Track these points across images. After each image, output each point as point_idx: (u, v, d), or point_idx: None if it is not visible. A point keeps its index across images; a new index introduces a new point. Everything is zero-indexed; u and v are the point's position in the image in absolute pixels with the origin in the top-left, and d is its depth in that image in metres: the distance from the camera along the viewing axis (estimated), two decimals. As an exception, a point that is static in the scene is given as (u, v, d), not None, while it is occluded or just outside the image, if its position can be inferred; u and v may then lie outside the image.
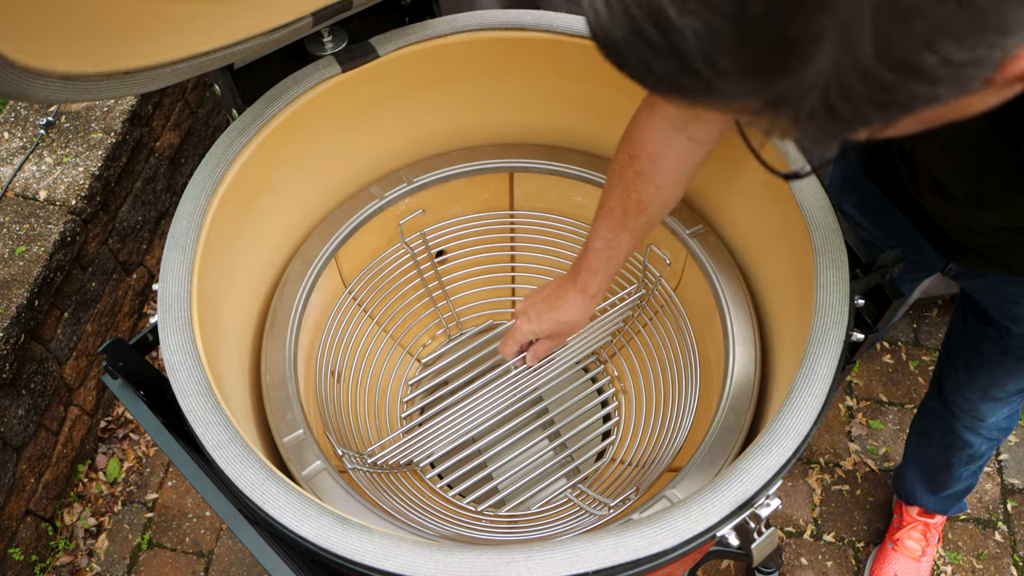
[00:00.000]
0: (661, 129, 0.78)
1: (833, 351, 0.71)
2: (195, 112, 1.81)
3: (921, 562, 1.42)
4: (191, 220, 0.81)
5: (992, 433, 1.18)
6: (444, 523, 0.94)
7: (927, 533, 1.42)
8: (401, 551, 0.61)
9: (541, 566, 0.60)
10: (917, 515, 1.42)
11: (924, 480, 1.36)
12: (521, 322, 0.95)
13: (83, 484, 1.55)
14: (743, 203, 0.97)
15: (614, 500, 0.94)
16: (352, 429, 1.02)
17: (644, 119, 0.80)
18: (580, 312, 0.91)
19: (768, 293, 0.95)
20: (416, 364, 1.17)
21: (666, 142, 0.79)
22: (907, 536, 1.42)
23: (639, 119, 0.80)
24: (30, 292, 1.32)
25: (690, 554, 0.66)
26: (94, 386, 1.57)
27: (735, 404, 0.85)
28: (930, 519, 1.42)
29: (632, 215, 0.83)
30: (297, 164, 0.97)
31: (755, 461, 0.66)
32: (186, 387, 0.71)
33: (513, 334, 0.97)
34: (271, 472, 0.66)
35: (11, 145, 1.49)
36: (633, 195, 0.82)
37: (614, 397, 1.12)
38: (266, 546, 0.67)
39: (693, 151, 0.80)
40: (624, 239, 0.85)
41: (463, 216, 1.12)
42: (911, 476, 1.38)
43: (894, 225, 0.94)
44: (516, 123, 1.10)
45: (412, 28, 0.96)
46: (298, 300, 0.96)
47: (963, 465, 1.26)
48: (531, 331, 0.95)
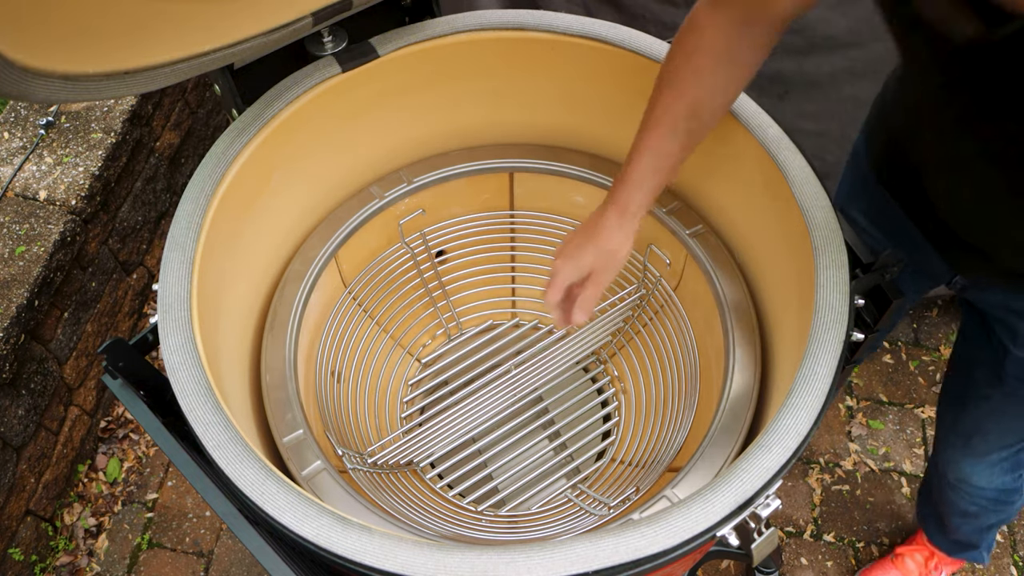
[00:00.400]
0: (724, 26, 0.74)
1: (833, 351, 0.71)
2: (195, 112, 1.81)
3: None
4: (191, 220, 0.81)
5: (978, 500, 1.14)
6: (444, 523, 0.94)
7: (930, 562, 1.40)
8: (401, 551, 0.61)
9: (541, 566, 0.60)
10: (927, 541, 1.39)
11: (934, 518, 1.33)
12: (560, 263, 0.85)
13: (83, 484, 1.55)
14: (743, 203, 0.97)
15: (614, 500, 0.94)
16: (352, 429, 1.02)
17: (706, 14, 0.75)
18: (622, 236, 0.82)
19: (768, 293, 0.95)
20: (416, 364, 1.17)
21: (728, 40, 0.75)
22: (910, 555, 1.40)
23: (700, 15, 0.76)
24: (30, 292, 1.32)
25: (690, 554, 0.66)
26: (94, 386, 1.57)
27: (735, 404, 0.85)
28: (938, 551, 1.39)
29: (683, 118, 0.77)
30: (297, 164, 0.97)
31: (755, 461, 0.66)
32: (186, 387, 0.71)
33: (554, 280, 0.86)
34: (271, 472, 0.67)
35: (11, 145, 1.49)
36: (687, 97, 0.77)
37: (614, 397, 1.12)
38: (266, 546, 0.67)
39: (751, 56, 0.77)
40: (673, 149, 0.79)
41: (463, 216, 1.12)
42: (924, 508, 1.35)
43: (901, 232, 0.92)
44: (516, 123, 1.10)
45: (412, 28, 0.96)
46: (298, 300, 0.96)
47: (958, 517, 1.23)
48: (572, 269, 0.84)
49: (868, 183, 0.95)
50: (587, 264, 0.84)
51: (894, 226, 0.93)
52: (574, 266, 0.84)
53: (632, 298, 1.09)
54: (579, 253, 0.84)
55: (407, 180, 1.05)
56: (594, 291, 0.86)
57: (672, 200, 1.02)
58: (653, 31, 1.00)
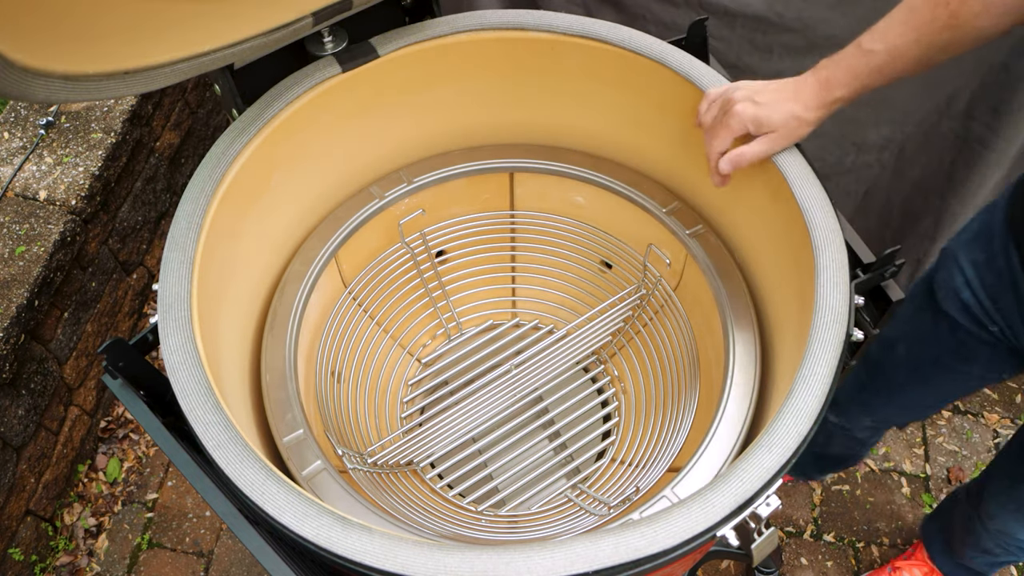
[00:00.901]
0: None
1: (833, 351, 0.71)
2: (195, 112, 1.81)
3: None
4: (191, 220, 0.81)
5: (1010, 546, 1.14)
6: (444, 523, 0.94)
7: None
8: (401, 551, 0.61)
9: (541, 566, 0.60)
10: (928, 558, 1.39)
11: (943, 538, 1.32)
12: (743, 106, 0.77)
13: (83, 484, 1.55)
14: (743, 203, 0.97)
15: (614, 500, 0.94)
16: (352, 429, 1.02)
17: None
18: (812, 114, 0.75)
19: (768, 293, 0.95)
20: (416, 364, 1.17)
21: None
22: (908, 570, 1.39)
23: None
24: (30, 292, 1.32)
25: (690, 554, 0.66)
26: (94, 386, 1.57)
27: (735, 404, 0.85)
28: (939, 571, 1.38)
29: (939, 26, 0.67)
30: (297, 164, 0.97)
31: (755, 461, 0.66)
32: (186, 387, 0.71)
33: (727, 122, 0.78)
34: (271, 472, 0.67)
35: (11, 145, 1.49)
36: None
37: (614, 397, 1.12)
38: (266, 546, 0.67)
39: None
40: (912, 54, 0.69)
41: (463, 216, 1.12)
42: (934, 527, 1.35)
43: (1009, 300, 0.86)
44: (516, 123, 1.10)
45: (412, 28, 0.96)
46: (298, 300, 0.96)
47: (975, 551, 1.22)
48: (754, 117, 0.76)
49: (994, 239, 0.88)
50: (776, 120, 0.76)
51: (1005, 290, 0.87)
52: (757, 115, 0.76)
53: (632, 298, 1.09)
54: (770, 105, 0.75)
55: (407, 180, 1.05)
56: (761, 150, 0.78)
57: (672, 200, 1.02)
58: (653, 31, 1.01)
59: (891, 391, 1.12)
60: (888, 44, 0.70)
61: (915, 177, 1.33)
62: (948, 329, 0.95)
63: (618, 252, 1.10)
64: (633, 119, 1.02)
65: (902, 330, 1.03)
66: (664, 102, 0.96)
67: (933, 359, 1.02)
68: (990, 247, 0.88)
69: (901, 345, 1.04)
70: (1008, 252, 0.85)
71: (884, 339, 1.06)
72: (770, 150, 0.79)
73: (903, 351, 1.04)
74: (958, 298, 0.92)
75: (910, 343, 1.02)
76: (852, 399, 1.17)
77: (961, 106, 1.21)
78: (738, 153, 0.80)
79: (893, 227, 1.41)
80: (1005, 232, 0.86)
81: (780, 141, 0.78)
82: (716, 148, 0.81)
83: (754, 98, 0.77)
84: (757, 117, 0.77)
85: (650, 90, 0.96)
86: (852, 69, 0.72)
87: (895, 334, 1.04)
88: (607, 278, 1.14)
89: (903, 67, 0.71)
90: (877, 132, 1.27)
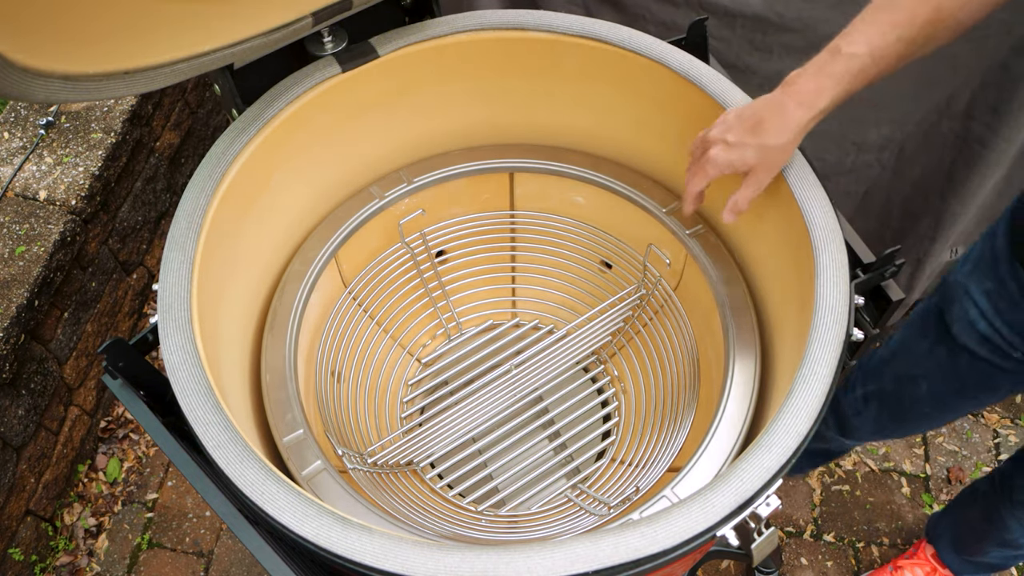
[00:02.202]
0: None
1: (833, 351, 0.71)
2: (195, 112, 1.81)
3: None
4: (191, 220, 0.81)
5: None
6: (444, 523, 0.94)
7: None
8: (401, 551, 0.61)
9: (541, 566, 0.60)
10: (931, 556, 1.38)
11: (953, 535, 1.32)
12: (717, 150, 0.75)
13: (83, 484, 1.55)
14: (743, 203, 0.97)
15: (614, 500, 0.94)
16: (352, 429, 1.02)
17: None
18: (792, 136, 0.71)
19: (768, 293, 0.95)
20: (416, 364, 1.17)
21: None
22: (910, 568, 1.39)
23: None
24: (30, 292, 1.32)
25: (690, 554, 0.66)
26: (94, 386, 1.57)
27: (735, 404, 0.85)
28: (941, 567, 1.37)
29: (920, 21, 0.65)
30: (297, 164, 0.97)
31: (755, 461, 0.66)
32: (186, 387, 0.71)
33: (703, 167, 0.77)
34: (271, 472, 0.67)
35: (11, 145, 1.49)
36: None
37: (614, 397, 1.12)
38: (266, 546, 0.67)
39: None
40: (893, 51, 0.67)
41: (463, 216, 1.12)
42: (944, 524, 1.34)
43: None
44: (516, 123, 1.10)
45: (412, 28, 0.96)
46: (298, 300, 0.96)
47: (995, 545, 1.21)
48: (728, 163, 0.75)
49: (1000, 264, 0.86)
50: (749, 160, 0.74)
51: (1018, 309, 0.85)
52: (730, 160, 0.75)
53: (632, 298, 1.09)
54: (740, 145, 0.74)
55: (407, 180, 1.05)
56: (749, 193, 0.77)
57: (672, 200, 1.02)
58: (653, 31, 1.00)
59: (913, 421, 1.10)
60: (871, 46, 0.68)
61: (915, 177, 1.33)
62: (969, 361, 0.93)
63: (618, 252, 1.10)
64: (633, 119, 1.02)
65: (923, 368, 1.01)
66: (664, 102, 0.96)
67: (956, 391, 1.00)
68: (996, 273, 0.86)
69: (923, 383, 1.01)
70: (1017, 276, 0.83)
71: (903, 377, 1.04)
72: (757, 189, 0.78)
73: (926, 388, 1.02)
74: (975, 331, 0.90)
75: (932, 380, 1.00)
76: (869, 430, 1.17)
77: (961, 106, 1.21)
78: (733, 203, 0.79)
79: (893, 227, 1.41)
80: (1010, 257, 0.84)
81: (764, 176, 0.77)
82: (692, 189, 0.80)
83: (726, 138, 0.75)
84: (731, 163, 0.76)
85: (650, 90, 0.96)
86: (835, 76, 0.69)
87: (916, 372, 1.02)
88: (607, 278, 1.14)
89: (886, 66, 0.69)
90: (877, 132, 1.27)
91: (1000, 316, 0.87)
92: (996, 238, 0.87)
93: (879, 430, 1.16)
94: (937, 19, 0.66)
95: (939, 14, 0.65)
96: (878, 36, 0.67)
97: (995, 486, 1.17)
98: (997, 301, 0.87)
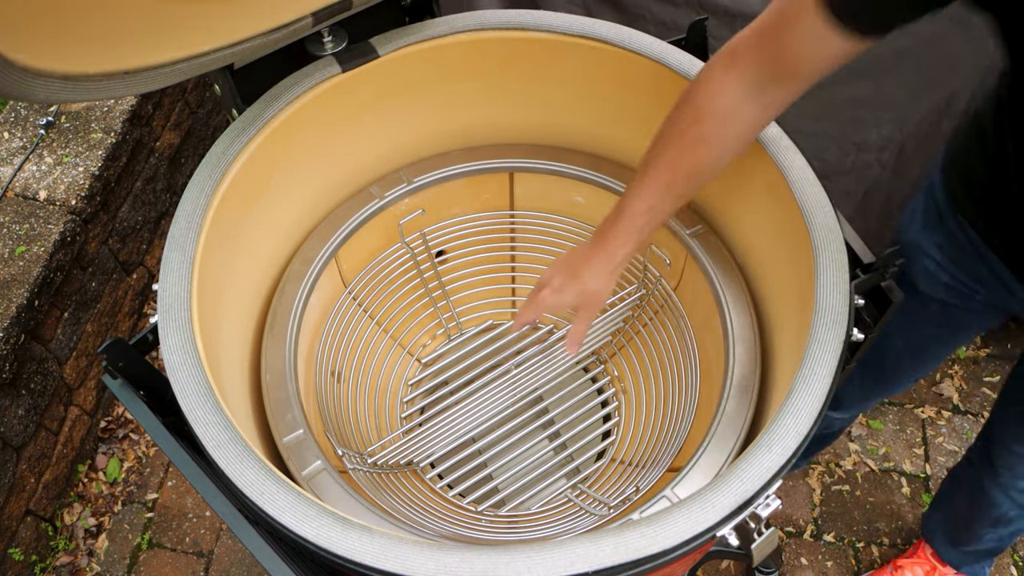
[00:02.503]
0: (737, 90, 0.72)
1: (833, 351, 0.71)
2: (195, 112, 1.81)
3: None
4: (191, 220, 0.81)
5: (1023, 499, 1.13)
6: (444, 523, 0.94)
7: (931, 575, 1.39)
8: (401, 551, 0.61)
9: (541, 566, 0.60)
10: (931, 555, 1.38)
11: (946, 528, 1.32)
12: (545, 293, 0.89)
13: (83, 484, 1.55)
14: (743, 203, 0.97)
15: (614, 500, 0.94)
16: (352, 429, 1.02)
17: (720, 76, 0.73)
18: (605, 281, 0.86)
19: (768, 293, 0.95)
20: (416, 364, 1.17)
21: (739, 106, 0.73)
22: (910, 569, 1.39)
23: (713, 75, 0.74)
24: (30, 292, 1.32)
25: (690, 554, 0.66)
26: (94, 386, 1.57)
27: (735, 404, 0.85)
28: (941, 566, 1.37)
29: (681, 181, 0.77)
30: (297, 164, 0.97)
31: (755, 461, 0.66)
32: (186, 387, 0.71)
33: (536, 304, 0.90)
34: (271, 472, 0.67)
35: (11, 145, 1.49)
36: (689, 159, 0.76)
37: (614, 397, 1.12)
38: (266, 546, 0.67)
39: (761, 120, 0.75)
40: (667, 207, 0.80)
41: (463, 216, 1.12)
42: (936, 519, 1.34)
43: (983, 270, 0.88)
44: (516, 123, 1.10)
45: (412, 28, 0.96)
46: (298, 300, 0.96)
47: (987, 526, 1.22)
48: (554, 303, 0.89)
49: (945, 218, 0.90)
50: (568, 302, 0.88)
51: (973, 263, 0.89)
52: (555, 302, 0.89)
53: (632, 298, 1.09)
54: (562, 291, 0.88)
55: (407, 180, 1.05)
56: (581, 328, 0.91)
57: (672, 200, 1.02)
58: (653, 31, 1.00)
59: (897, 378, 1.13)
60: (649, 204, 0.80)
61: (915, 177, 1.33)
62: (939, 308, 0.98)
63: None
64: (633, 119, 1.02)
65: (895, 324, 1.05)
66: (664, 102, 0.95)
67: (932, 339, 1.05)
68: (945, 227, 0.91)
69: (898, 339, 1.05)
70: (963, 227, 0.88)
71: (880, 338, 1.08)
72: (584, 325, 0.91)
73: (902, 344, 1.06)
74: (940, 282, 0.94)
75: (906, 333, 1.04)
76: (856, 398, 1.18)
77: (961, 106, 1.21)
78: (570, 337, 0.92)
79: (893, 227, 1.41)
80: (952, 209, 0.89)
81: (586, 314, 0.90)
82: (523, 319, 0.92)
83: (552, 283, 0.89)
84: (555, 305, 0.89)
85: (650, 90, 0.96)
86: (627, 232, 0.82)
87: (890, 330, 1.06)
88: (607, 278, 1.14)
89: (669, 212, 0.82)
90: (877, 132, 1.27)
91: (956, 265, 0.92)
92: (935, 191, 0.92)
93: (865, 396, 1.18)
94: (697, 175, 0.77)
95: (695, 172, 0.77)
96: (652, 196, 0.79)
97: (973, 464, 1.18)
98: (950, 252, 0.91)
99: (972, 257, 0.88)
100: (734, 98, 0.73)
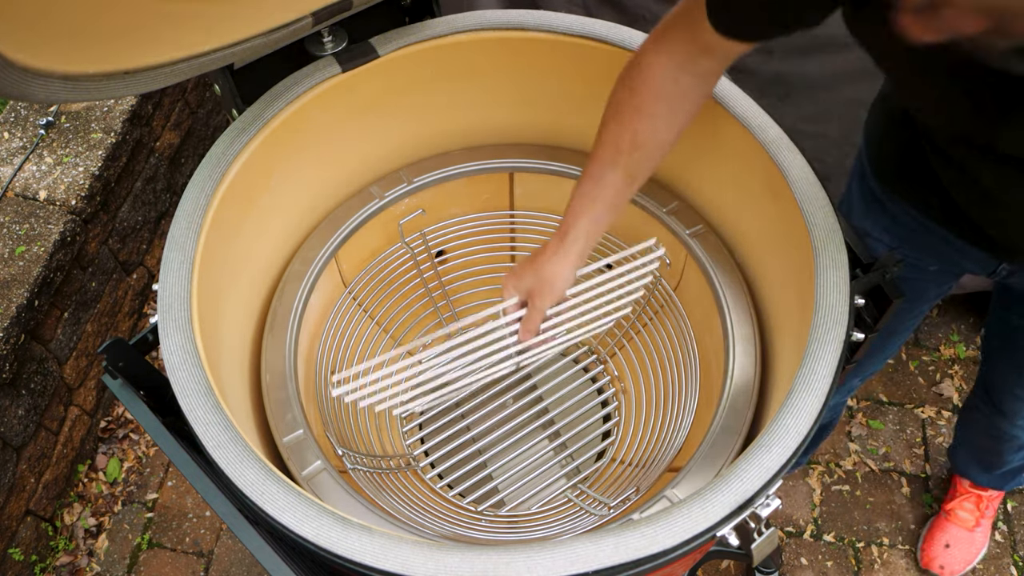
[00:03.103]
0: (670, 62, 0.77)
1: (833, 351, 0.71)
2: (195, 112, 1.81)
3: (975, 532, 1.41)
4: (191, 220, 0.81)
5: None
6: (444, 523, 0.94)
7: (980, 504, 1.41)
8: (401, 551, 0.61)
9: (541, 566, 0.60)
10: (970, 487, 1.41)
11: (975, 460, 1.35)
12: (506, 277, 0.92)
13: (83, 484, 1.55)
14: (743, 203, 0.97)
15: (614, 500, 0.94)
16: (352, 429, 1.02)
17: (651, 54, 0.78)
18: (560, 264, 0.87)
19: (768, 293, 0.95)
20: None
21: (671, 79, 0.78)
22: (959, 507, 1.42)
23: (645, 55, 0.79)
24: (30, 292, 1.32)
25: (690, 554, 0.66)
26: (94, 386, 1.57)
27: (735, 404, 0.85)
28: (984, 491, 1.41)
29: (625, 151, 0.81)
30: (297, 164, 0.97)
31: (755, 461, 0.66)
32: (186, 387, 0.71)
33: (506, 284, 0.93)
34: (271, 472, 0.67)
35: (11, 145, 1.49)
36: (628, 131, 0.80)
37: (614, 397, 1.12)
38: (266, 546, 0.67)
39: (697, 87, 0.79)
40: (612, 179, 0.82)
41: (463, 216, 1.12)
42: (963, 454, 1.38)
43: (932, 241, 0.91)
44: (516, 123, 1.10)
45: (412, 28, 0.96)
46: (298, 300, 0.96)
47: (1013, 452, 1.25)
48: (513, 287, 0.91)
49: (878, 196, 0.94)
50: (524, 288, 0.90)
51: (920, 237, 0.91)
52: (514, 286, 0.91)
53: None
54: (519, 277, 0.90)
55: (407, 180, 1.05)
56: (532, 314, 0.91)
57: (672, 200, 1.02)
58: (653, 31, 1.00)
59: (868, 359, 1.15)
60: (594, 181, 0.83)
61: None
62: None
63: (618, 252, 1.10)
64: (633, 119, 1.02)
65: None
66: (664, 102, 0.96)
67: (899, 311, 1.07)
68: (885, 209, 0.94)
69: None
70: (902, 207, 0.91)
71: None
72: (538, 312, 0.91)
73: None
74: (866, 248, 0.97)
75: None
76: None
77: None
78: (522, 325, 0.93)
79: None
80: (885, 191, 0.92)
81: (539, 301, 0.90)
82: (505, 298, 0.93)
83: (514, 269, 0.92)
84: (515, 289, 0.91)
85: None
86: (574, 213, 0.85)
87: None
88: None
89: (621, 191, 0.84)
90: (877, 132, 1.27)
91: (906, 243, 0.94)
92: (865, 179, 0.95)
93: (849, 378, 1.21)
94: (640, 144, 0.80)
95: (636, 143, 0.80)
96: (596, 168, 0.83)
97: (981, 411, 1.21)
98: (897, 231, 0.94)
99: (920, 233, 0.91)
100: (666, 69, 0.78)
